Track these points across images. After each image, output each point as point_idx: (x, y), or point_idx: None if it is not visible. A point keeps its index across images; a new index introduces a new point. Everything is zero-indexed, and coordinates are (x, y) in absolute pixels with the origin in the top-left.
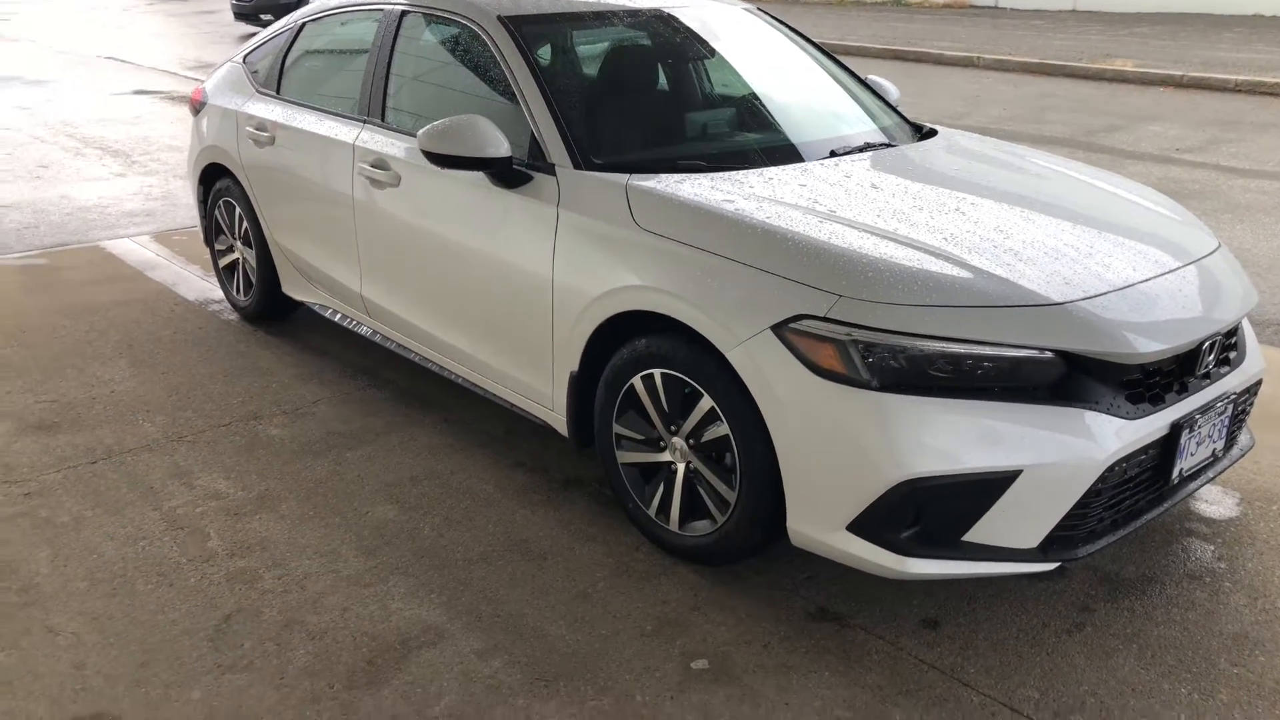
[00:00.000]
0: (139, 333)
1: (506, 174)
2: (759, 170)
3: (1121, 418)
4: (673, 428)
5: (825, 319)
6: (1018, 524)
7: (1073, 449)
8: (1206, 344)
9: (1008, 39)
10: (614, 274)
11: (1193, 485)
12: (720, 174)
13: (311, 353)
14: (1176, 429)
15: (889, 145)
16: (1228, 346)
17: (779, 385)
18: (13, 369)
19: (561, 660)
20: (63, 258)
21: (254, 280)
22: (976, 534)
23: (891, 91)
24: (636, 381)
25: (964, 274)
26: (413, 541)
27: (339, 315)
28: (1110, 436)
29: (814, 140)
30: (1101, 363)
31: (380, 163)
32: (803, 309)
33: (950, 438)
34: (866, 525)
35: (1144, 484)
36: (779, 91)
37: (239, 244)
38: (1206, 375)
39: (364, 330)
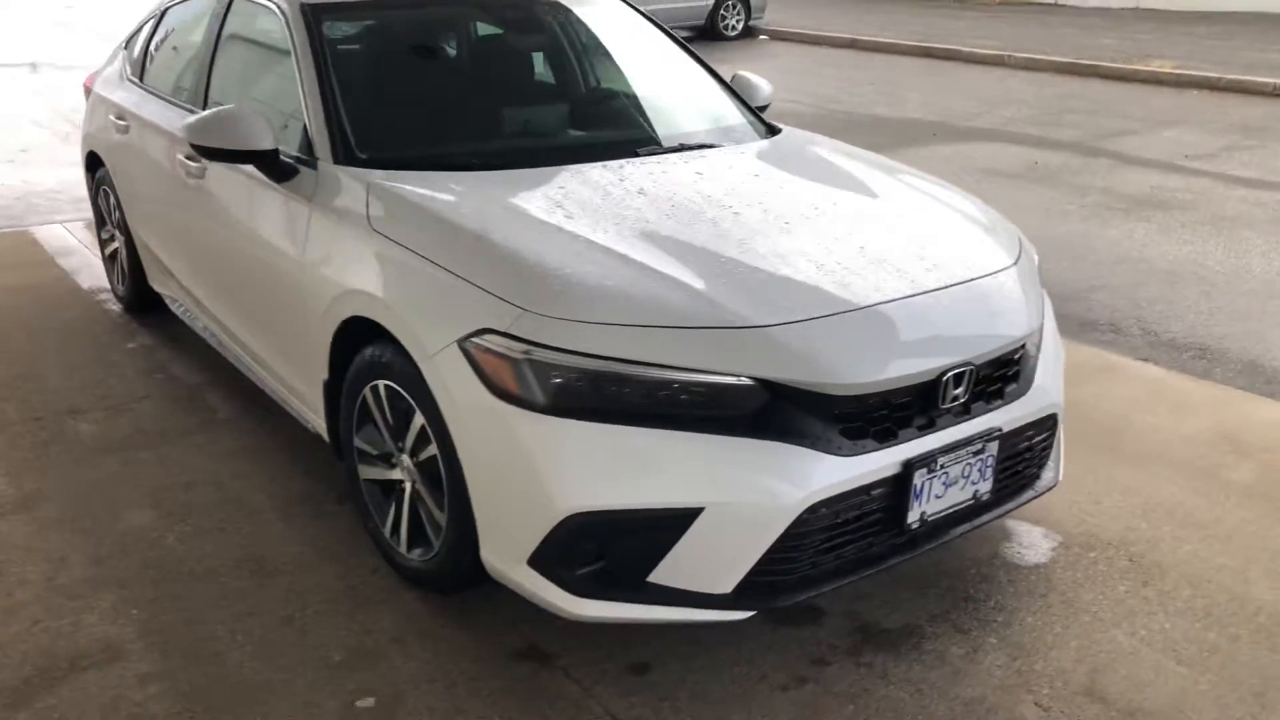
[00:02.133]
0: (9, 320)
1: (274, 167)
2: (531, 171)
3: (832, 454)
4: (400, 444)
5: (506, 334)
6: (706, 567)
7: (764, 488)
8: (951, 376)
9: (1051, 37)
10: (344, 277)
11: (958, 529)
12: (483, 174)
13: (171, 347)
14: (909, 468)
15: (710, 146)
16: (999, 378)
17: (463, 404)
18: None
19: (224, 691)
20: None
21: (126, 270)
22: (662, 575)
23: (761, 90)
24: (367, 393)
25: (666, 292)
26: (149, 551)
27: (183, 309)
28: (812, 475)
29: (620, 140)
30: (808, 393)
31: (193, 153)
32: (487, 323)
33: (624, 469)
34: (544, 560)
35: (875, 528)
36: (606, 87)
37: (118, 233)
38: (966, 410)
39: (199, 326)
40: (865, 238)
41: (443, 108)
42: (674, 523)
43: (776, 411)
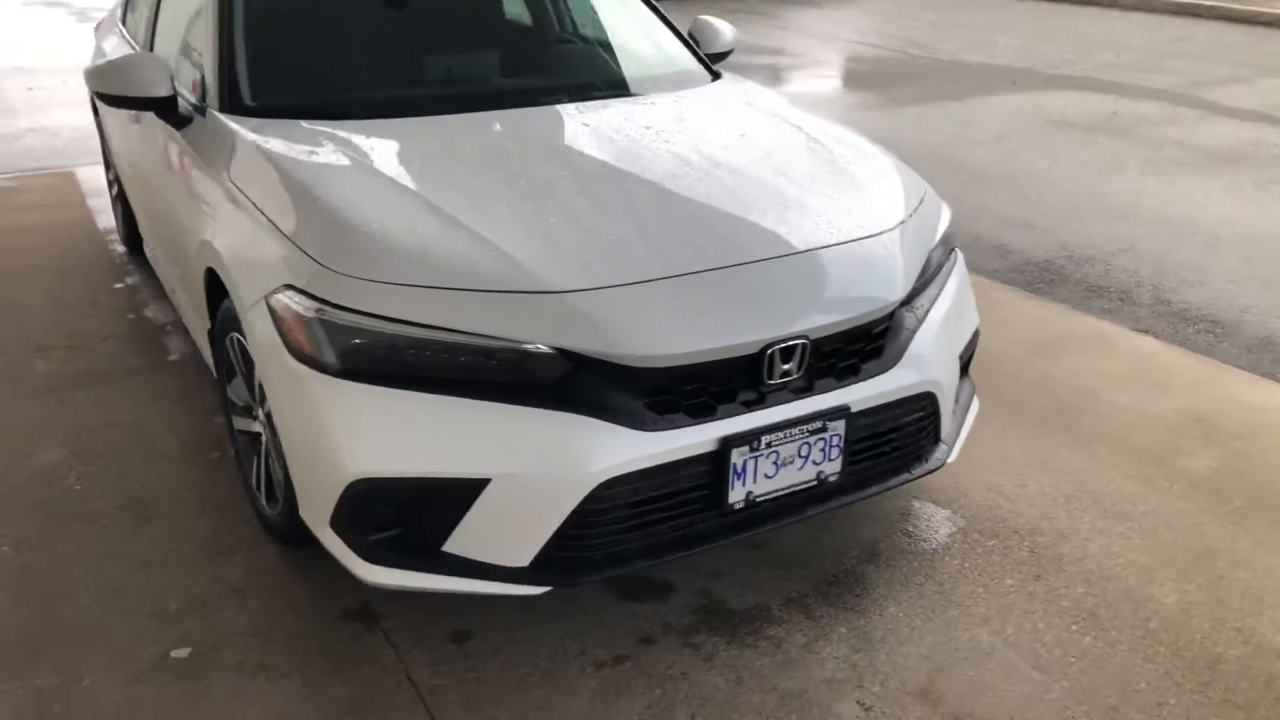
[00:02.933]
0: (17, 259)
1: (173, 114)
2: (410, 120)
3: (634, 429)
4: (255, 397)
5: (302, 291)
6: (499, 539)
7: (554, 461)
8: (778, 350)
9: None
10: (205, 227)
11: (807, 511)
12: (362, 123)
13: (155, 289)
14: (727, 446)
15: (625, 95)
16: (853, 353)
17: (270, 362)
18: None
19: (52, 634)
20: (31, 181)
21: (122, 212)
22: (457, 545)
23: (722, 35)
24: (228, 344)
25: (472, 252)
26: (45, 491)
27: (150, 251)
28: (608, 450)
29: (528, 88)
30: (609, 364)
31: None
32: (288, 278)
33: (411, 436)
34: (340, 524)
35: (693, 506)
36: (534, 32)
37: (117, 174)
38: (808, 385)
39: (160, 270)
40: (725, 200)
41: (350, 53)
42: (462, 493)
43: (578, 382)
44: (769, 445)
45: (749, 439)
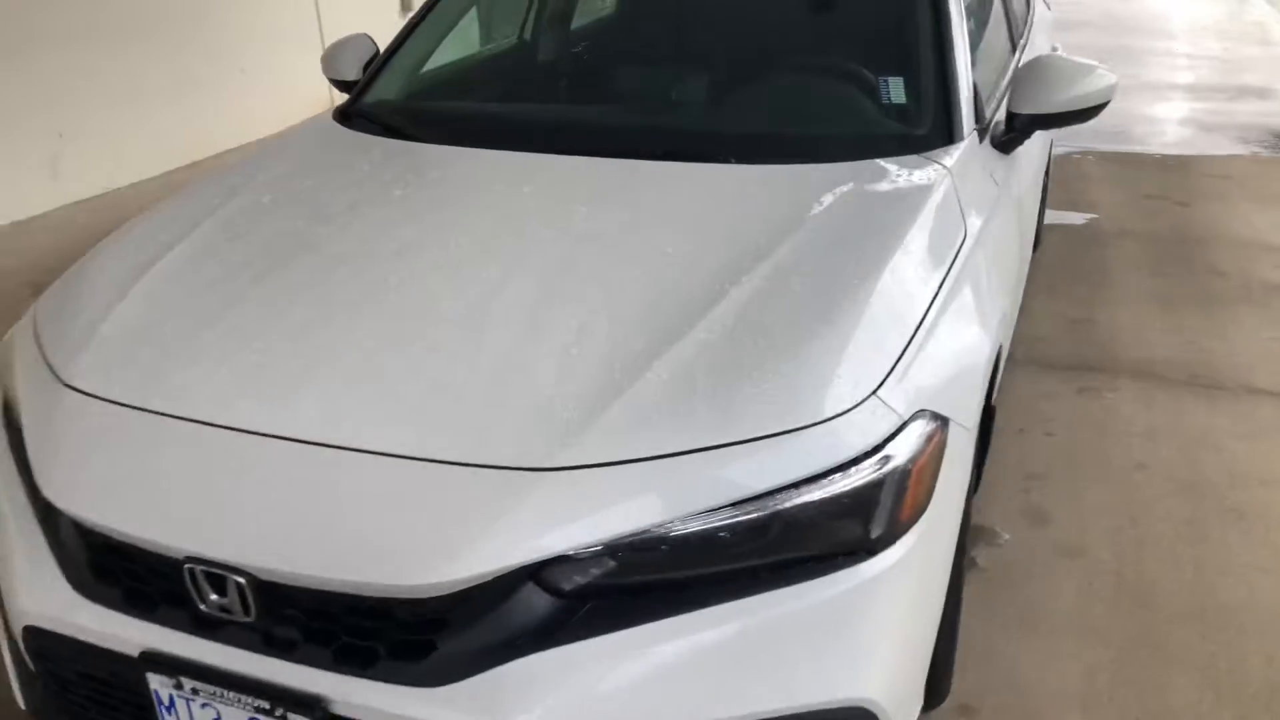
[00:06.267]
0: None
1: None
2: (473, 153)
3: (73, 585)
4: None
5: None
6: None
7: (11, 575)
8: (201, 570)
9: None
10: None
11: None
12: (420, 148)
13: None
14: (145, 663)
15: (787, 161)
16: (368, 632)
17: None
18: None
19: None
20: None
21: None
22: None
23: (1049, 90)
24: None
25: (113, 317)
26: None
27: None
28: (39, 596)
29: (657, 128)
30: None
31: None
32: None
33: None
34: None
35: (122, 706)
36: (752, 64)
37: None
38: (289, 645)
39: None
40: (472, 346)
41: (524, 61)
42: None
43: None
44: (197, 692)
45: (171, 668)
